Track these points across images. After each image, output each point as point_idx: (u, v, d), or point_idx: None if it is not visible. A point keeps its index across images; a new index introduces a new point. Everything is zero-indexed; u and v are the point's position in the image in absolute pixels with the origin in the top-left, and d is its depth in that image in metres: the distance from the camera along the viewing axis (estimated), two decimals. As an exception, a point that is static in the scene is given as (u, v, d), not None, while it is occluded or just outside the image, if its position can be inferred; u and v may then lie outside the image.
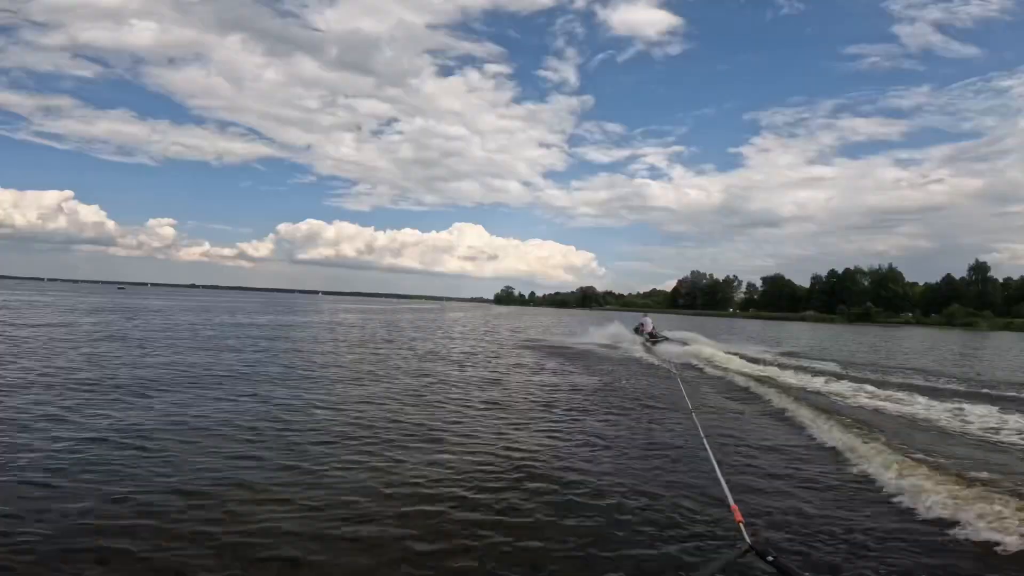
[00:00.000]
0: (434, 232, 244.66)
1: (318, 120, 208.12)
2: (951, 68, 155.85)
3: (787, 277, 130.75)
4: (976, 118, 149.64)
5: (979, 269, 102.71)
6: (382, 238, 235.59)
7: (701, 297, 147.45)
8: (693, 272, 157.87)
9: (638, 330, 22.85)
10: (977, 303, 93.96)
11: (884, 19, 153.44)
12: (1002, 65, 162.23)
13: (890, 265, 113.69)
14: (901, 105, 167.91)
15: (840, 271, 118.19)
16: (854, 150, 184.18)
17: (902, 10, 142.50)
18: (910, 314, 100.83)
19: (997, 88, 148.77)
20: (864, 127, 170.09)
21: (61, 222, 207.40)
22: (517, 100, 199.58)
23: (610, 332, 24.89)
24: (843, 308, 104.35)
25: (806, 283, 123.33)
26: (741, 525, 2.47)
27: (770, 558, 2.02)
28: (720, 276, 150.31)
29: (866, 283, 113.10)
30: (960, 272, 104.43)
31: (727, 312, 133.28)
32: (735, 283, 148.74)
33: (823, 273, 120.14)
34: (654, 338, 21.28)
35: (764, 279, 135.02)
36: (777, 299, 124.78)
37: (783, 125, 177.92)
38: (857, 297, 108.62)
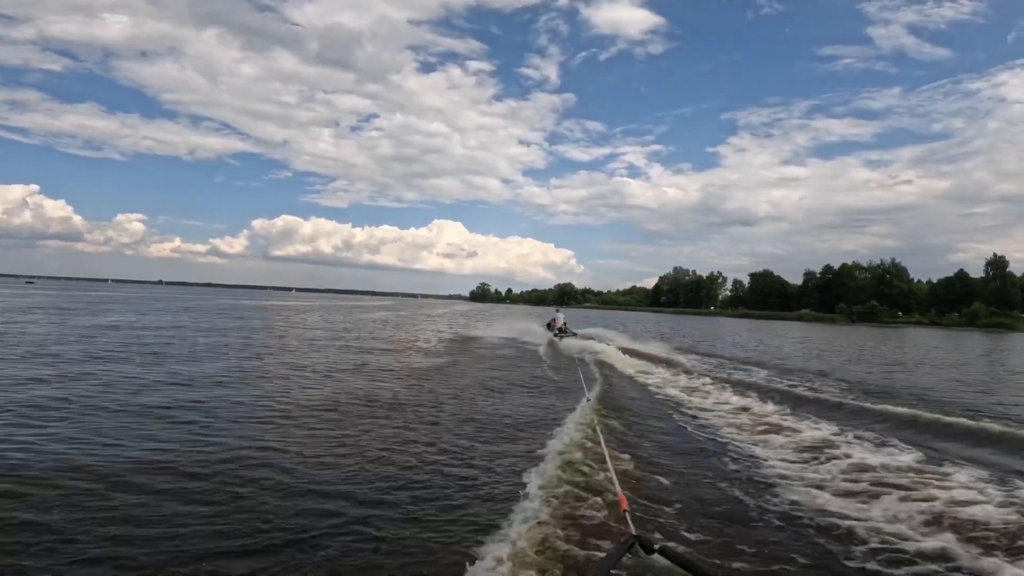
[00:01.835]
0: (413, 229, 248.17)
1: (295, 115, 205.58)
2: (922, 70, 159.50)
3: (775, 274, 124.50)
4: (945, 120, 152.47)
5: (997, 264, 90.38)
6: (360, 235, 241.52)
7: (684, 294, 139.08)
8: (675, 268, 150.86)
9: (550, 325, 23.18)
10: (995, 301, 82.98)
11: (860, 20, 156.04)
12: (972, 68, 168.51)
13: (892, 259, 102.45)
14: (872, 106, 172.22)
15: (836, 267, 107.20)
16: (827, 151, 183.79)
17: (877, 12, 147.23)
18: (919, 314, 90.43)
19: (966, 90, 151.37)
20: (837, 128, 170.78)
21: (26, 217, 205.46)
22: (498, 97, 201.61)
23: (520, 327, 26.18)
24: (842, 307, 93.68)
25: (791, 280, 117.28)
26: (627, 515, 2.57)
27: (656, 547, 2.04)
28: (701, 274, 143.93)
29: (865, 279, 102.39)
30: (931, 273, 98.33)
31: (710, 310, 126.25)
32: (719, 280, 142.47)
33: (810, 270, 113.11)
34: (563, 333, 21.60)
35: (752, 275, 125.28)
36: (766, 297, 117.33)
37: (759, 125, 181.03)
38: (855, 294, 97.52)
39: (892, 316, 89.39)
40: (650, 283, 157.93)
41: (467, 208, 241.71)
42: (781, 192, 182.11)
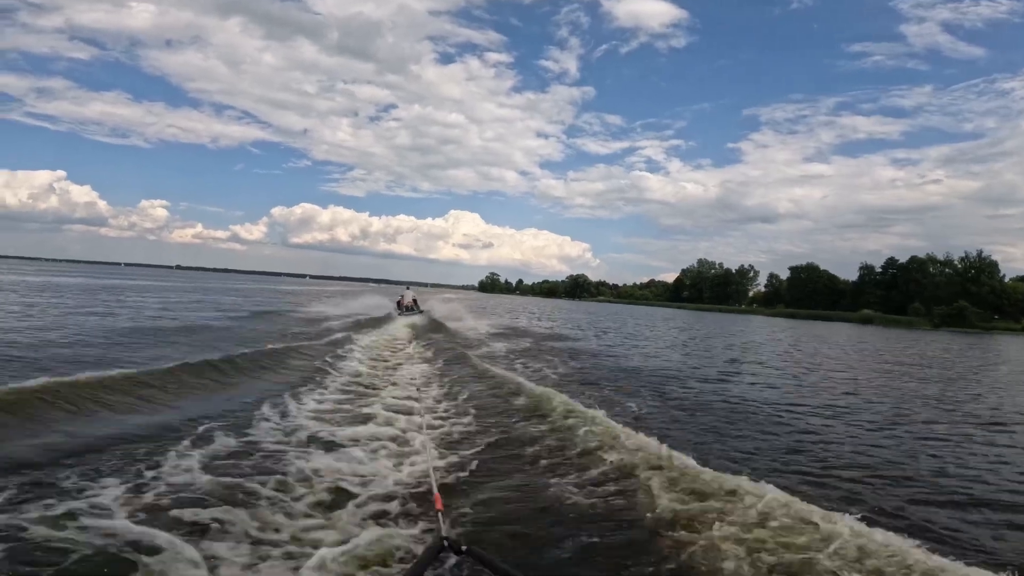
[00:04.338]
0: (429, 219, 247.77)
1: (315, 105, 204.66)
2: (955, 68, 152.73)
3: (784, 273, 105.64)
4: (977, 119, 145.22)
5: None
6: (377, 223, 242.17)
7: (708, 289, 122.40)
8: (700, 261, 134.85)
9: (399, 303, 23.05)
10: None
11: (892, 18, 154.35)
12: (1007, 67, 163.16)
13: (979, 252, 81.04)
14: (902, 104, 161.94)
15: (904, 260, 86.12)
16: (852, 148, 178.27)
17: (911, 9, 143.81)
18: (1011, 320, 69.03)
19: (1000, 90, 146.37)
20: (864, 125, 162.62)
21: (53, 202, 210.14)
22: (517, 89, 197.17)
23: (366, 303, 26.28)
24: (918, 307, 73.59)
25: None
26: (440, 514, 2.52)
27: (464, 548, 1.99)
28: (729, 267, 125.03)
29: (946, 275, 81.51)
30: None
31: (740, 307, 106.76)
32: (750, 274, 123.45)
33: (868, 264, 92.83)
34: (410, 310, 22.01)
35: (793, 269, 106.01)
36: (810, 294, 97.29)
37: (783, 121, 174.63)
38: (932, 292, 77.14)
39: (987, 320, 67.93)
40: (668, 277, 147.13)
41: (483, 199, 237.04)
42: (803, 189, 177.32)
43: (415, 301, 22.96)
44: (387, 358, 11.55)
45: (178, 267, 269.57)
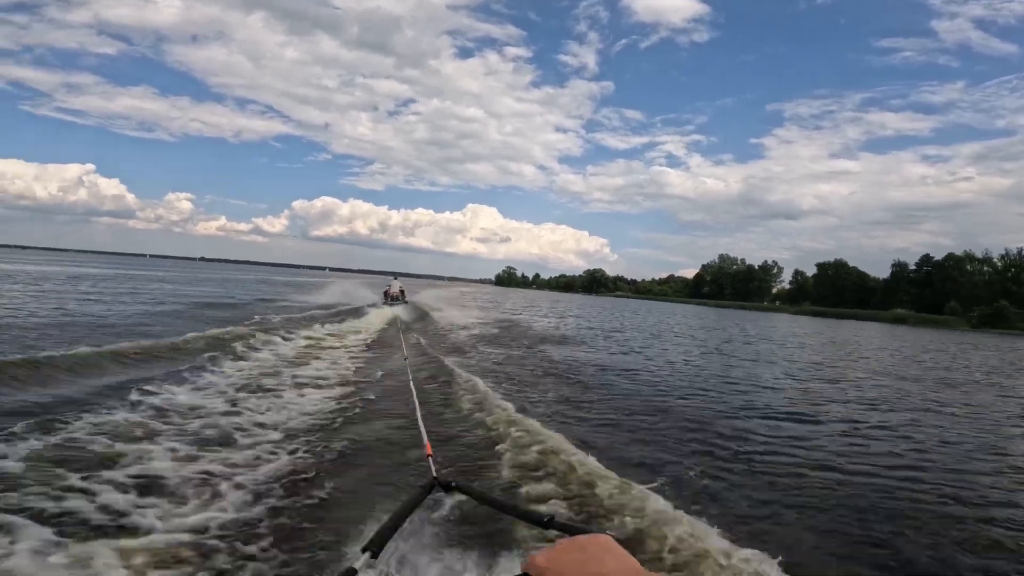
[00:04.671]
0: (448, 213, 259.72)
1: (335, 99, 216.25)
2: (986, 65, 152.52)
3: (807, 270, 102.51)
4: (1009, 116, 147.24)
5: None
6: (395, 217, 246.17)
7: (730, 285, 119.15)
8: (721, 256, 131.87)
9: (386, 292, 23.46)
10: None
11: (923, 14, 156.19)
12: None
13: (1020, 250, 76.22)
14: (933, 100, 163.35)
15: (940, 257, 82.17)
16: (881, 144, 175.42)
17: (942, 5, 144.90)
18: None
19: None
20: (893, 121, 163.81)
21: (82, 195, 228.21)
22: (535, 84, 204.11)
23: (343, 290, 29.33)
24: (954, 306, 69.60)
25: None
26: (430, 459, 2.71)
27: (453, 483, 2.19)
28: (751, 263, 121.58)
29: (985, 273, 77.32)
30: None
31: (763, 304, 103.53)
32: (774, 270, 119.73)
33: (901, 261, 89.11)
34: (396, 300, 22.24)
35: (820, 265, 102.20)
36: (839, 291, 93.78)
37: (808, 117, 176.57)
38: (968, 290, 73.09)
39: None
40: (687, 273, 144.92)
41: (501, 194, 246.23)
42: (829, 186, 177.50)
43: (402, 291, 23.36)
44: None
45: (202, 259, 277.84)
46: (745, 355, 15.89)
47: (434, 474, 2.34)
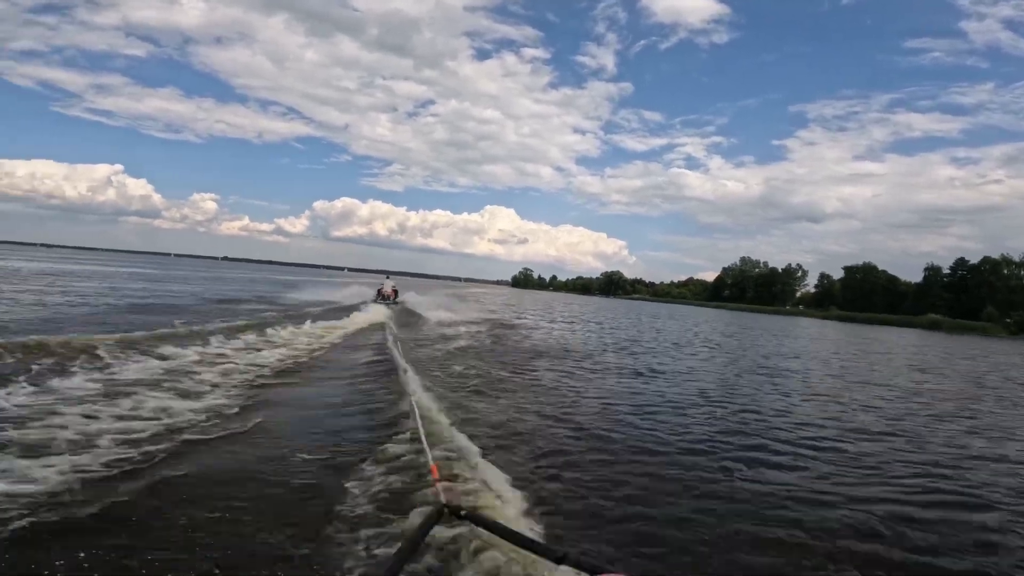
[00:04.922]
0: (465, 214, 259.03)
1: (355, 101, 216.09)
2: (1016, 66, 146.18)
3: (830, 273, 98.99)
4: None
5: None
6: (414, 218, 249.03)
7: (752, 289, 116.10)
8: (742, 258, 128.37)
9: (379, 291, 23.80)
10: None
11: (951, 14, 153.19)
12: None
13: None
14: (962, 102, 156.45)
15: (976, 260, 78.65)
16: (908, 146, 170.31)
17: (971, 5, 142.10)
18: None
19: None
20: (920, 123, 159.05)
21: (110, 194, 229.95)
22: (553, 85, 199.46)
23: (344, 292, 28.65)
24: (992, 312, 65.85)
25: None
26: (439, 486, 2.59)
27: (463, 512, 2.15)
28: (775, 266, 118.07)
29: (1018, 277, 73.39)
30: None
31: (786, 309, 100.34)
32: (798, 273, 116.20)
33: (934, 264, 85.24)
34: (387, 299, 22.60)
35: (848, 269, 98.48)
36: (867, 296, 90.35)
37: (832, 118, 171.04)
38: (1006, 295, 69.68)
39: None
40: (707, 276, 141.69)
41: (519, 195, 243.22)
42: (853, 188, 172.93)
43: (395, 291, 23.77)
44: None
45: (225, 258, 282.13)
46: (807, 380, 12.22)
47: (443, 501, 2.26)
